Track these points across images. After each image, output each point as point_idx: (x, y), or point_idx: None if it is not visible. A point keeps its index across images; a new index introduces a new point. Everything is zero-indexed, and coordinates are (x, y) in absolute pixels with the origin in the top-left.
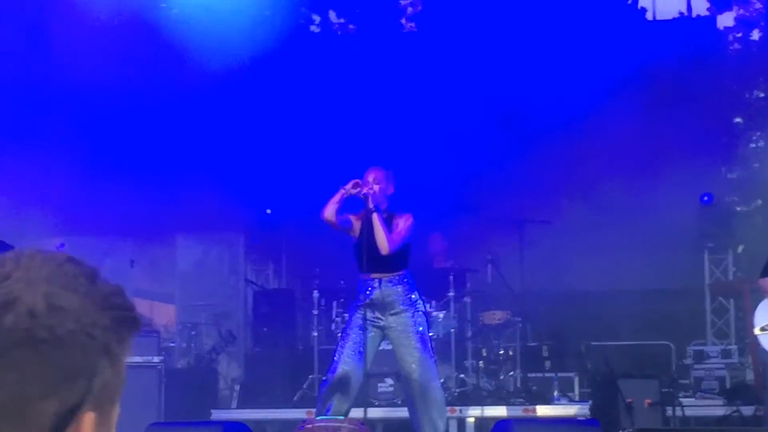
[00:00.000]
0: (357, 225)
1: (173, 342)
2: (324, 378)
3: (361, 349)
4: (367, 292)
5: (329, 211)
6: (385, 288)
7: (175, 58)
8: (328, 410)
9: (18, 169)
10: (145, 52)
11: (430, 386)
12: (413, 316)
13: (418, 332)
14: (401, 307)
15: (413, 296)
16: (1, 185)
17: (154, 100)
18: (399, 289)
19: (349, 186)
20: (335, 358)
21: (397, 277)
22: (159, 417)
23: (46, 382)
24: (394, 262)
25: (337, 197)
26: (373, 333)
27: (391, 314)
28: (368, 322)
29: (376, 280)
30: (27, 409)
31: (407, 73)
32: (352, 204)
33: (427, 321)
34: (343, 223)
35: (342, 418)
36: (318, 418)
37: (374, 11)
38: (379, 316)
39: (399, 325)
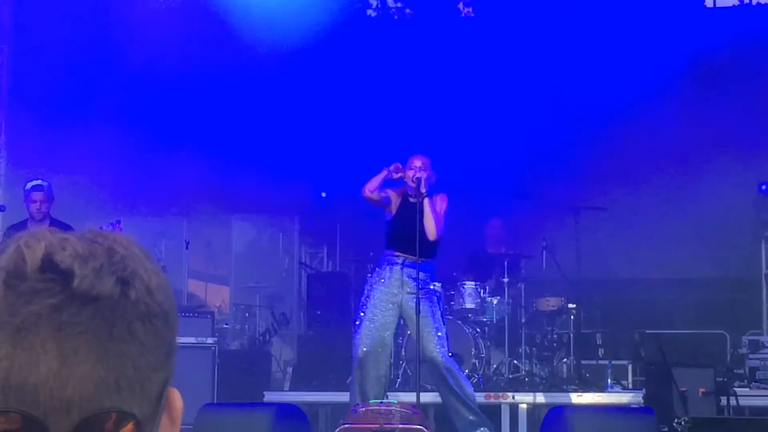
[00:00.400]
0: (396, 201)
1: (227, 323)
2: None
3: (379, 327)
4: (389, 268)
5: (372, 186)
6: (407, 269)
7: (233, 40)
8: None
9: (77, 150)
10: (202, 33)
11: (451, 365)
12: (430, 300)
13: (435, 316)
14: (420, 291)
15: (432, 285)
16: (59, 165)
17: (211, 84)
18: (421, 275)
19: (392, 168)
20: (356, 338)
21: (422, 263)
22: (212, 398)
23: (158, 356)
24: (428, 248)
25: (380, 176)
26: (391, 311)
27: (408, 293)
28: (385, 299)
29: (401, 257)
30: (146, 382)
31: (464, 59)
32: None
33: (440, 307)
34: (384, 199)
35: (395, 402)
36: (371, 401)
37: None
38: (396, 293)
39: (417, 308)
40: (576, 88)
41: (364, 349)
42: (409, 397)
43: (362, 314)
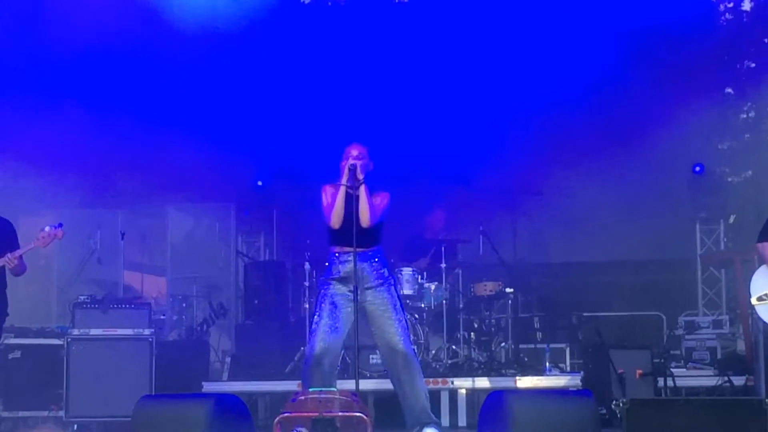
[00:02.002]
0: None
1: (164, 314)
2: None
3: (338, 324)
4: (341, 266)
5: (337, 218)
6: (361, 262)
7: (165, 27)
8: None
9: (12, 143)
10: (136, 21)
11: (412, 356)
12: (388, 291)
13: (394, 306)
14: (375, 281)
15: (385, 272)
16: None
17: (146, 74)
18: (372, 264)
19: (344, 179)
20: (312, 336)
21: (371, 252)
22: (150, 389)
23: None
24: (370, 237)
25: (341, 198)
26: (348, 308)
27: (366, 288)
28: (342, 296)
29: (350, 253)
30: None
31: (399, 45)
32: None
33: (399, 296)
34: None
35: (334, 389)
36: (311, 389)
37: None
38: (352, 290)
39: (375, 299)
40: (511, 75)
41: (322, 345)
42: (349, 384)
43: (320, 311)
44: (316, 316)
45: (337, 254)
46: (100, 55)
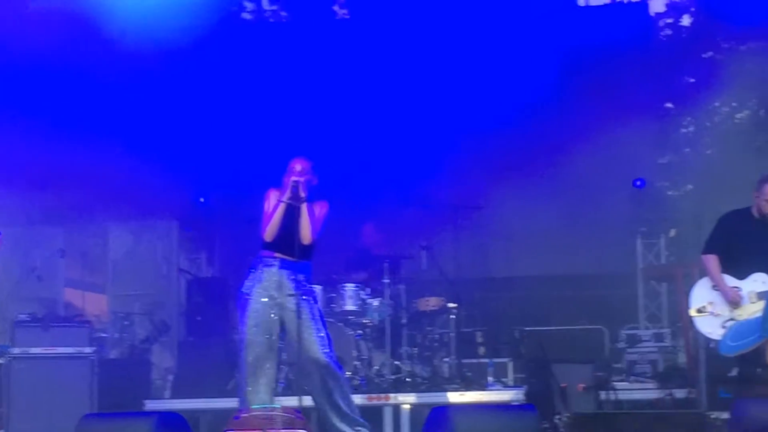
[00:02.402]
0: (274, 203)
1: (105, 332)
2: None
3: (264, 332)
4: (266, 269)
5: (272, 231)
6: (284, 270)
7: (106, 44)
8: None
9: None
10: (73, 37)
11: (334, 367)
12: (308, 302)
13: (314, 316)
14: (298, 291)
15: (307, 284)
16: None
17: (83, 88)
18: (297, 275)
19: (287, 196)
20: (242, 345)
21: (299, 265)
22: (92, 408)
23: None
24: (304, 250)
25: (280, 213)
26: (272, 313)
27: (288, 295)
28: (265, 302)
29: (278, 259)
30: None
31: (341, 60)
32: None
33: (319, 309)
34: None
35: (277, 407)
36: (253, 407)
37: None
38: (276, 295)
39: (296, 308)
40: (451, 88)
41: (253, 355)
42: (292, 401)
43: (245, 320)
44: (242, 327)
45: (262, 259)
46: (40, 72)
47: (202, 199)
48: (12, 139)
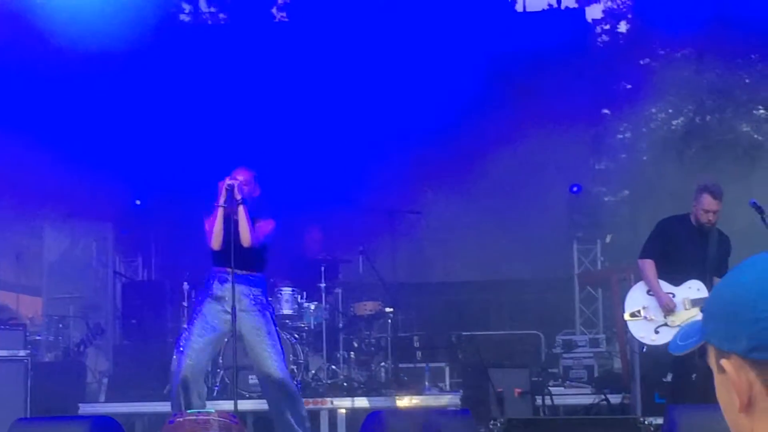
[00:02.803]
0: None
1: (40, 335)
2: (173, 372)
3: (206, 343)
4: (219, 285)
5: (217, 241)
6: (238, 284)
7: (42, 42)
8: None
9: None
10: (11, 34)
11: (288, 381)
12: (263, 316)
13: (269, 331)
14: (253, 306)
15: (263, 299)
16: None
17: (21, 87)
18: (252, 289)
19: (222, 199)
20: (181, 351)
21: (252, 277)
22: (25, 412)
23: None
24: (252, 261)
25: (219, 219)
26: (220, 327)
27: (241, 311)
28: (216, 314)
29: (230, 274)
30: None
31: (278, 64)
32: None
33: (274, 322)
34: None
35: (212, 411)
36: (188, 411)
37: (245, 1)
38: (228, 310)
39: (250, 323)
40: (389, 93)
41: (190, 362)
42: (227, 405)
43: (192, 328)
44: (185, 334)
45: (215, 273)
46: None
47: (138, 202)
48: None
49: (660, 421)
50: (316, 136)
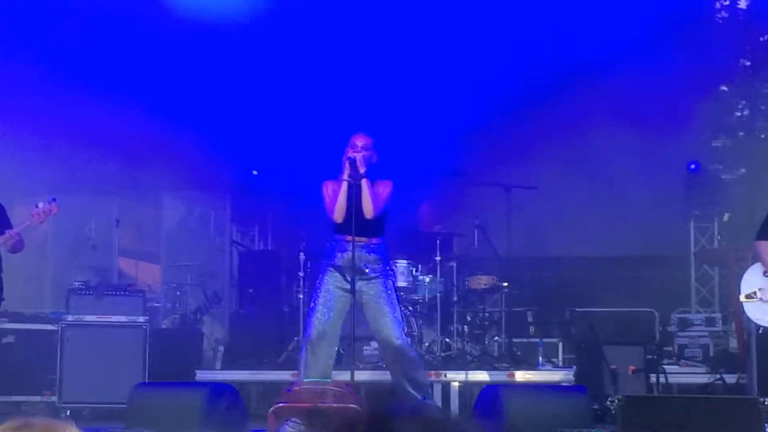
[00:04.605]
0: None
1: (158, 302)
2: (301, 341)
3: (332, 313)
4: (340, 254)
5: (340, 213)
6: (359, 252)
7: (163, 15)
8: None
9: (8, 129)
10: (130, 8)
11: (407, 348)
12: (384, 284)
13: (390, 299)
14: (373, 273)
15: (383, 266)
16: None
17: (140, 61)
18: (372, 257)
19: (346, 173)
20: (307, 322)
21: (373, 245)
22: (144, 377)
23: None
24: (372, 228)
25: (344, 192)
26: (343, 296)
27: (362, 279)
28: (338, 284)
29: (350, 243)
30: None
31: (395, 36)
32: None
33: (395, 289)
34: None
35: (329, 380)
36: (305, 380)
37: None
38: (348, 279)
39: (371, 291)
40: (504, 65)
41: (316, 332)
42: (344, 375)
43: (316, 298)
44: (312, 303)
45: (337, 242)
46: (98, 45)
47: (255, 172)
48: (70, 110)
49: None
50: (431, 109)
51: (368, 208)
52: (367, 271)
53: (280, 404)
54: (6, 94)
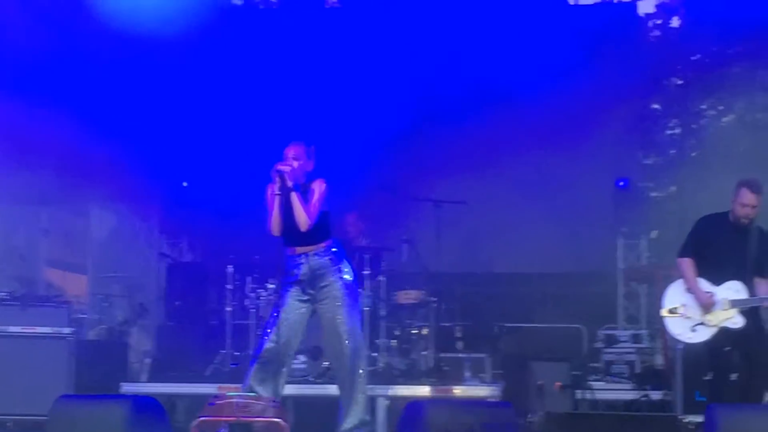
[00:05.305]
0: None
1: (85, 313)
2: (252, 354)
3: (295, 327)
4: (296, 269)
5: (276, 226)
6: (313, 261)
7: (96, 26)
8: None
9: None
10: (67, 20)
11: (358, 362)
12: (342, 287)
13: (348, 299)
14: (331, 278)
15: (342, 266)
16: None
17: (72, 70)
18: (326, 261)
19: (277, 187)
20: (265, 335)
21: (323, 249)
22: (68, 389)
23: None
24: (317, 234)
25: (276, 206)
26: (304, 309)
27: (322, 286)
28: (299, 298)
29: (302, 255)
30: None
31: (329, 49)
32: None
33: (356, 290)
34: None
35: (254, 394)
36: (229, 393)
37: None
38: (310, 291)
39: (328, 297)
40: (437, 81)
41: (270, 345)
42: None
43: (275, 312)
44: (271, 318)
45: (290, 257)
46: (30, 52)
47: (185, 184)
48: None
49: (700, 419)
50: (366, 123)
51: (302, 221)
52: (326, 276)
53: (203, 417)
54: None
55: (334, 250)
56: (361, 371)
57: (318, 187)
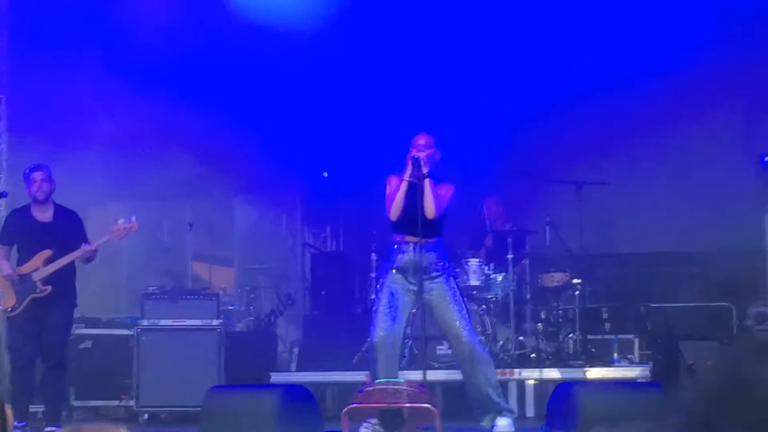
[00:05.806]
0: (394, 186)
1: (232, 305)
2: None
3: (395, 314)
4: (401, 255)
5: (397, 211)
6: (419, 253)
7: (237, 21)
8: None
9: (79, 135)
10: (202, 18)
11: (477, 345)
12: (447, 281)
13: (455, 297)
14: (435, 272)
15: (444, 263)
16: (62, 151)
17: (214, 65)
18: (432, 256)
19: (408, 173)
20: (371, 325)
21: (432, 244)
22: (219, 380)
23: None
24: (431, 228)
25: (402, 191)
26: (406, 297)
27: (426, 279)
28: (401, 285)
29: (411, 243)
30: None
31: (458, 35)
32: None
33: (458, 287)
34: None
35: (402, 381)
36: (377, 381)
37: None
38: (412, 280)
39: (436, 290)
40: (574, 61)
41: (381, 333)
42: (416, 375)
43: (378, 300)
44: (374, 305)
45: (397, 244)
46: (173, 49)
47: (326, 174)
48: (143, 115)
49: None
50: (504, 106)
51: (430, 209)
52: (429, 270)
53: (354, 405)
54: (79, 103)
55: (440, 247)
56: (483, 357)
57: (447, 189)
